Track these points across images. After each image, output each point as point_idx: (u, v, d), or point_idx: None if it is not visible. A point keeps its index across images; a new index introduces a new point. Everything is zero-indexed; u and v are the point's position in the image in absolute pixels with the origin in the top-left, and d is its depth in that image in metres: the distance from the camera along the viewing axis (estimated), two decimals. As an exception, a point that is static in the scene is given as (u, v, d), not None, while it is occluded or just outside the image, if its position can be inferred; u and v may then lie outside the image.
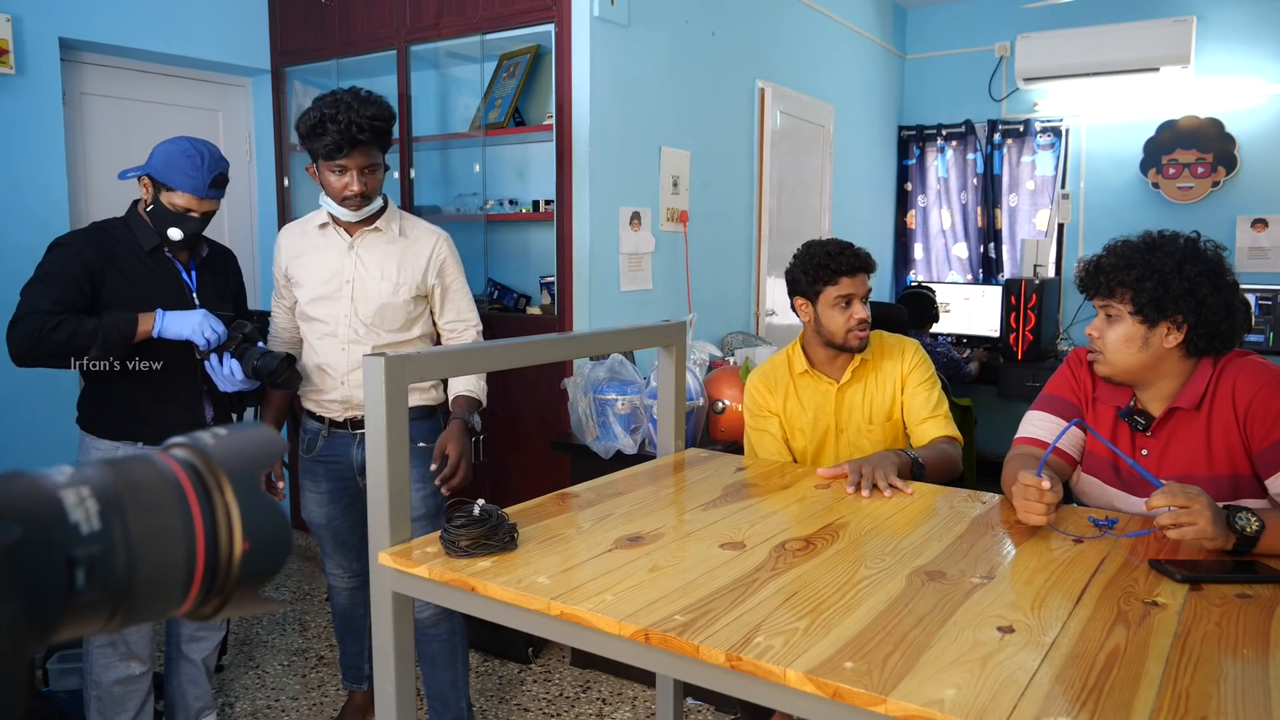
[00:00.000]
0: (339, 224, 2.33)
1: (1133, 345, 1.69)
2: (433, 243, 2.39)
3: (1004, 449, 2.08)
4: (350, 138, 2.15)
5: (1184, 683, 1.05)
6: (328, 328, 2.35)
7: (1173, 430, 1.72)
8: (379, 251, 2.33)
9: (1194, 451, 1.69)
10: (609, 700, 2.89)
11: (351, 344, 2.33)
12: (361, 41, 3.65)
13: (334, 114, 2.14)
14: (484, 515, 1.47)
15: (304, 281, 2.35)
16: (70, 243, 2.23)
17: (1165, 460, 1.72)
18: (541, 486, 2.90)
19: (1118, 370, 1.72)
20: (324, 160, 2.21)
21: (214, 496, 0.47)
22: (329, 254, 2.33)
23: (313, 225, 2.38)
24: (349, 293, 2.32)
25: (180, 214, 2.23)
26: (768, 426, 2.33)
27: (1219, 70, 4.72)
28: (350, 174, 2.20)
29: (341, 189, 2.22)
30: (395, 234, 2.35)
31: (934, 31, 5.58)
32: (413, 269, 2.35)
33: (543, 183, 3.47)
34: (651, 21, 3.37)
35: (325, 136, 2.15)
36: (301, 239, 2.39)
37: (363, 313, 2.32)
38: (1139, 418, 1.75)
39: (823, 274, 2.22)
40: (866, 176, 5.34)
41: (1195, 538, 1.44)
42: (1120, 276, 1.68)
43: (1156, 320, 1.66)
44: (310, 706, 2.87)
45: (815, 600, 1.27)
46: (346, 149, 2.17)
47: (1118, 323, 1.70)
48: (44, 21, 3.15)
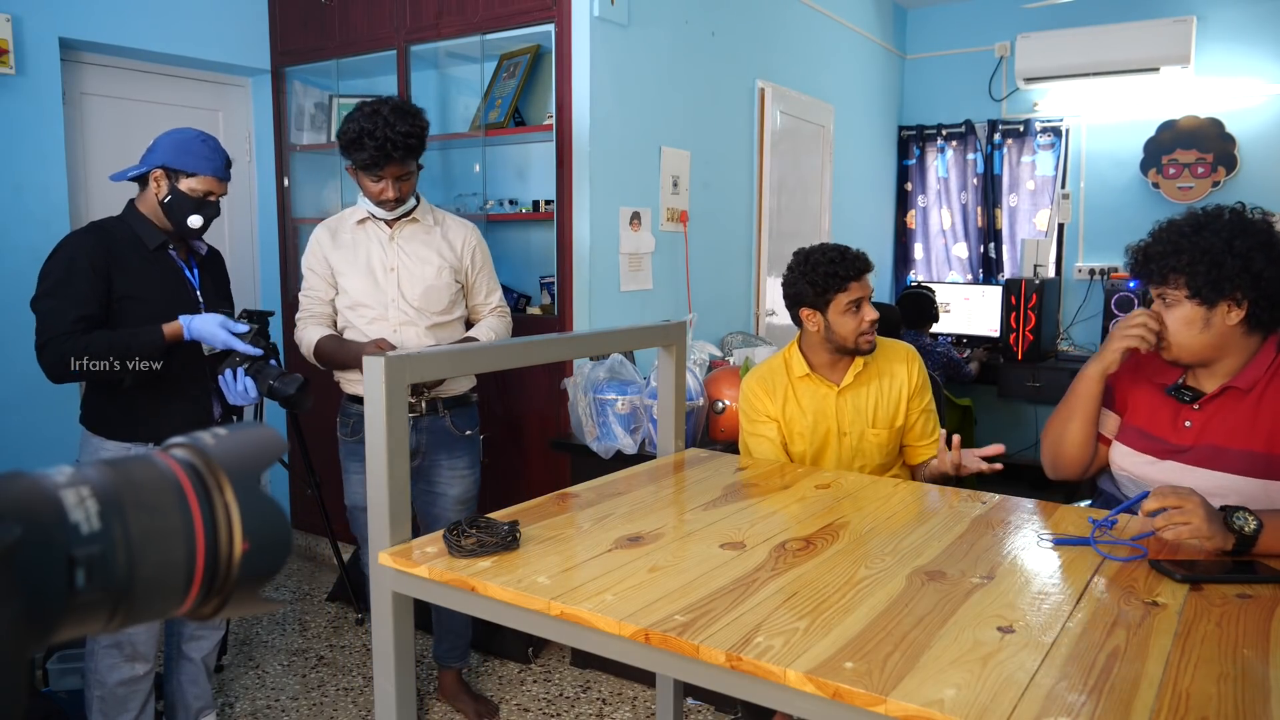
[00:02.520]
0: (377, 218, 2.51)
1: (1194, 327, 1.68)
2: (464, 233, 2.61)
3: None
4: (386, 154, 2.33)
5: (1184, 683, 1.05)
6: (375, 312, 2.49)
7: (1220, 405, 1.72)
8: (418, 240, 2.53)
9: (1236, 425, 1.69)
10: (609, 700, 2.89)
11: (402, 325, 2.50)
12: (361, 41, 3.65)
13: (371, 129, 2.31)
14: (488, 523, 1.47)
15: (349, 272, 2.50)
16: (76, 245, 2.22)
17: (1206, 431, 1.72)
18: (541, 486, 2.91)
19: (1185, 353, 1.71)
20: (362, 171, 2.40)
21: (214, 496, 0.47)
22: (372, 246, 2.51)
23: (351, 221, 2.54)
24: (394, 279, 2.49)
25: (200, 200, 2.25)
26: (764, 431, 2.32)
27: (1219, 70, 4.72)
28: (386, 182, 2.40)
29: (378, 194, 2.42)
30: (431, 224, 2.57)
31: (934, 31, 5.58)
32: (450, 255, 2.56)
33: (543, 183, 3.47)
34: (651, 21, 3.37)
35: (363, 151, 2.33)
36: (341, 234, 2.54)
37: (410, 296, 2.49)
38: (1186, 391, 1.75)
39: (833, 282, 2.22)
40: (866, 176, 5.34)
41: (1190, 537, 1.45)
42: (1171, 262, 1.68)
43: (1215, 300, 1.65)
44: (310, 706, 2.87)
45: (815, 600, 1.27)
46: (383, 163, 2.35)
47: (1176, 307, 1.69)
48: (44, 21, 3.15)
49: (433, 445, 2.58)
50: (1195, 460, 1.72)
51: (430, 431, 2.57)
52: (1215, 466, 1.69)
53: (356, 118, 2.34)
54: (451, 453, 2.61)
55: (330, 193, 4.03)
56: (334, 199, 3.99)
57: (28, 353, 2.48)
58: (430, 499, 2.64)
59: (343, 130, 2.37)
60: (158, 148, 2.25)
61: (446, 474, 2.62)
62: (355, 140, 2.33)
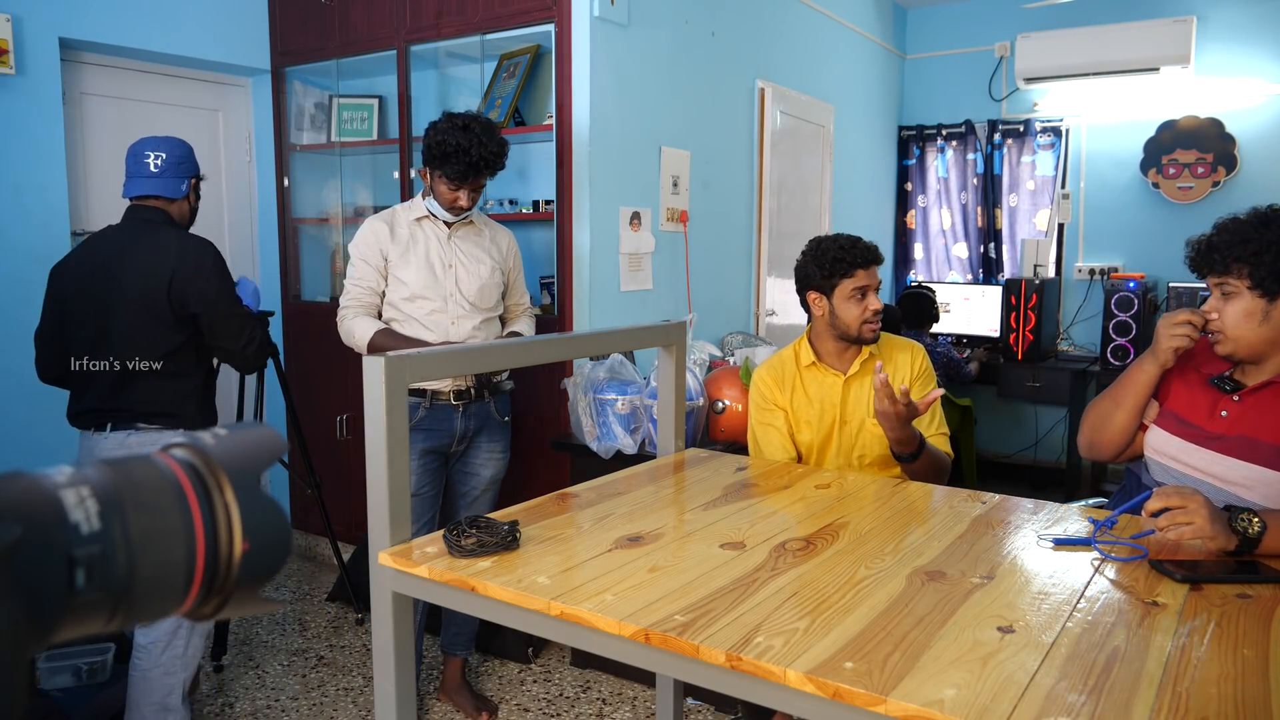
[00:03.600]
0: (436, 218, 2.65)
1: (1253, 320, 1.69)
2: (508, 237, 2.83)
3: (1004, 449, 2.11)
4: (476, 169, 2.51)
5: (1184, 683, 1.05)
6: (435, 305, 2.62)
7: (1260, 399, 1.73)
8: (471, 241, 2.70)
9: (1272, 419, 1.70)
10: (609, 700, 2.89)
11: (459, 319, 2.65)
12: (361, 41, 3.65)
13: (466, 145, 2.46)
14: (488, 523, 1.47)
15: (408, 265, 2.62)
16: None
17: (1240, 422, 1.73)
18: (541, 486, 2.91)
19: (1240, 346, 1.72)
20: (443, 178, 2.53)
21: (214, 496, 0.47)
22: (431, 242, 2.65)
23: (408, 217, 2.66)
24: (453, 275, 2.65)
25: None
26: (773, 420, 2.33)
27: (1219, 70, 4.72)
28: (463, 192, 2.56)
29: (453, 200, 2.57)
30: (482, 227, 2.75)
31: (934, 31, 5.58)
32: (499, 257, 2.75)
33: (543, 183, 3.47)
34: (651, 21, 3.37)
35: (453, 163, 2.48)
36: (399, 229, 2.65)
37: (466, 291, 2.65)
38: (1229, 383, 1.76)
39: (839, 267, 2.26)
40: (866, 176, 5.34)
41: (1193, 537, 1.45)
42: (1236, 252, 1.68)
43: (1277, 293, 1.66)
44: (310, 706, 2.87)
45: (815, 600, 1.27)
46: (470, 176, 2.52)
47: (1235, 299, 1.70)
48: (44, 21, 3.15)
49: (478, 429, 2.75)
50: (1228, 450, 1.73)
51: (477, 417, 2.73)
52: (1247, 458, 1.70)
53: (448, 131, 2.48)
54: (491, 436, 2.79)
55: (330, 193, 4.03)
56: (334, 199, 4.00)
57: (27, 352, 2.48)
58: (464, 478, 2.82)
59: (436, 142, 2.50)
60: (187, 158, 2.44)
61: (485, 455, 2.80)
62: (450, 155, 2.47)
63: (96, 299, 2.30)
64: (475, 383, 2.70)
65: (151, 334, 2.30)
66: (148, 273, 2.28)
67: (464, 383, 2.67)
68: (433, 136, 2.52)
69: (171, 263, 2.29)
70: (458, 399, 2.67)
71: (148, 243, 2.32)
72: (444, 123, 2.52)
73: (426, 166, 2.58)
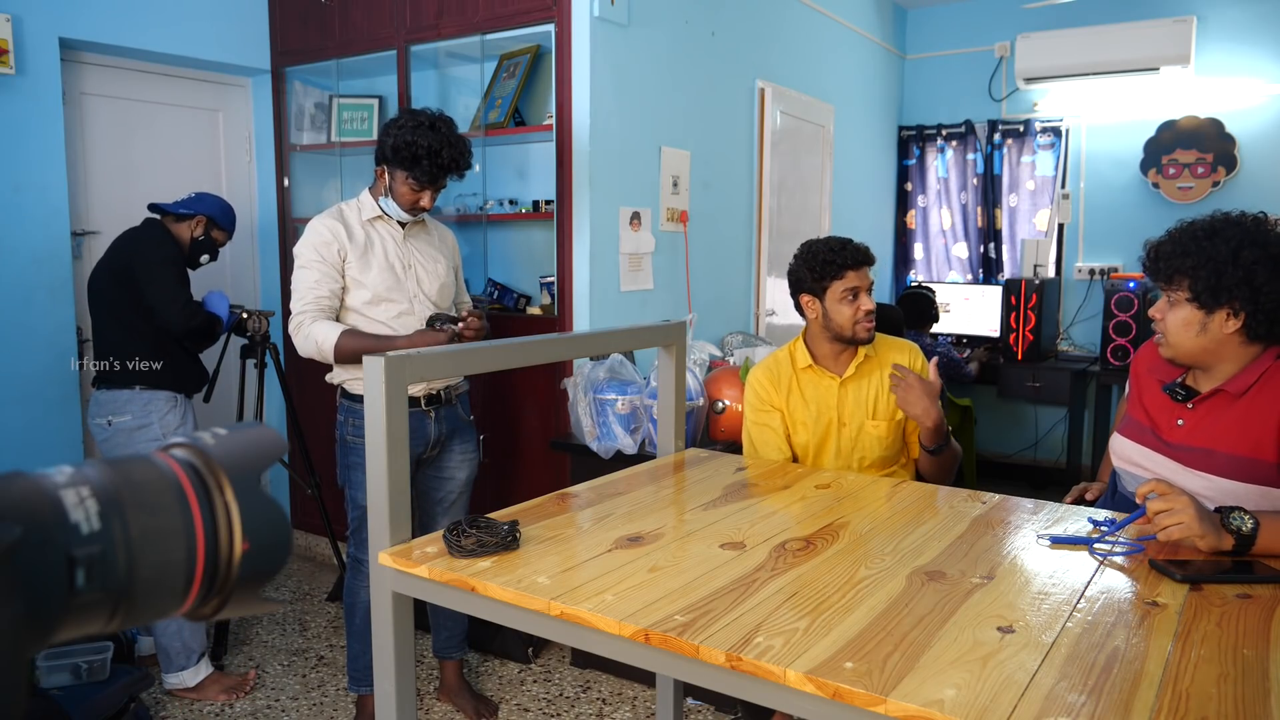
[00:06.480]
0: (389, 218, 2.59)
1: (1191, 330, 1.71)
2: (451, 235, 2.82)
3: (1004, 449, 2.11)
4: (445, 172, 2.48)
5: (1184, 683, 1.05)
6: (401, 307, 2.57)
7: (1211, 407, 1.75)
8: (424, 240, 2.67)
9: (1224, 429, 1.71)
10: (609, 700, 2.89)
11: (425, 320, 2.60)
12: (361, 41, 3.65)
13: (438, 148, 2.41)
14: (488, 523, 1.47)
15: (370, 267, 2.54)
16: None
17: (1196, 432, 1.75)
18: (541, 486, 2.91)
19: (1179, 353, 1.75)
20: (408, 179, 2.47)
21: (214, 496, 0.47)
22: (389, 244, 2.58)
23: (359, 217, 2.57)
24: (413, 275, 2.60)
25: (216, 248, 3.02)
26: (769, 421, 2.33)
27: (1219, 70, 4.72)
28: (426, 193, 2.51)
29: (414, 202, 2.51)
30: (430, 226, 2.72)
31: (934, 31, 5.58)
32: (448, 254, 2.74)
33: (543, 183, 3.47)
34: (651, 21, 3.37)
35: (420, 166, 2.42)
36: (353, 229, 2.55)
37: (429, 291, 2.62)
38: (1180, 390, 1.78)
39: (829, 270, 2.27)
40: (866, 176, 5.34)
41: (1183, 536, 1.46)
42: (1177, 264, 1.70)
43: (1213, 307, 1.67)
44: (310, 706, 2.87)
45: (815, 600, 1.27)
46: (437, 178, 2.48)
47: (1177, 307, 1.72)
48: (44, 21, 3.15)
49: (450, 433, 2.70)
50: (1186, 460, 1.75)
51: (448, 420, 2.69)
52: (1205, 469, 1.71)
53: (415, 130, 2.41)
54: (464, 438, 2.76)
55: (330, 192, 4.03)
56: (334, 198, 3.99)
57: (28, 351, 2.48)
58: (439, 483, 2.75)
59: (403, 142, 2.41)
60: (206, 201, 2.94)
61: (459, 458, 2.74)
62: (420, 156, 2.41)
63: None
64: (444, 386, 2.64)
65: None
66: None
67: (435, 387, 2.62)
68: (398, 136, 2.43)
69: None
70: (429, 404, 2.60)
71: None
72: (407, 120, 2.44)
73: (385, 166, 2.49)
